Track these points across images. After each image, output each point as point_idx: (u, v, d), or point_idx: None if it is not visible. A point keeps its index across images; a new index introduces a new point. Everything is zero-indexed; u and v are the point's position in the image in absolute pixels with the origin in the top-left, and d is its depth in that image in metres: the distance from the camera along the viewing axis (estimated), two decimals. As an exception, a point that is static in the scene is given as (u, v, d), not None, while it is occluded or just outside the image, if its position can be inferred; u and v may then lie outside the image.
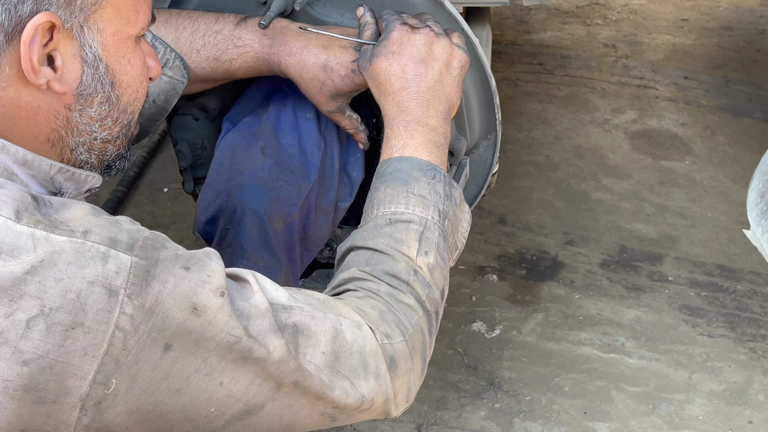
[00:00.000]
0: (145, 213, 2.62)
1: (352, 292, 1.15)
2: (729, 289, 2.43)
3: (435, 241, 1.20)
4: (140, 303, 0.91)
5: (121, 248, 0.91)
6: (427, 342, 1.17)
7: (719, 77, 3.24)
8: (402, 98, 1.26)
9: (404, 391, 1.13)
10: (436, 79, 1.28)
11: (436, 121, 1.27)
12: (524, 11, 3.64)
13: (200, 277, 0.95)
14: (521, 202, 2.70)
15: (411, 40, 1.28)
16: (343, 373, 1.04)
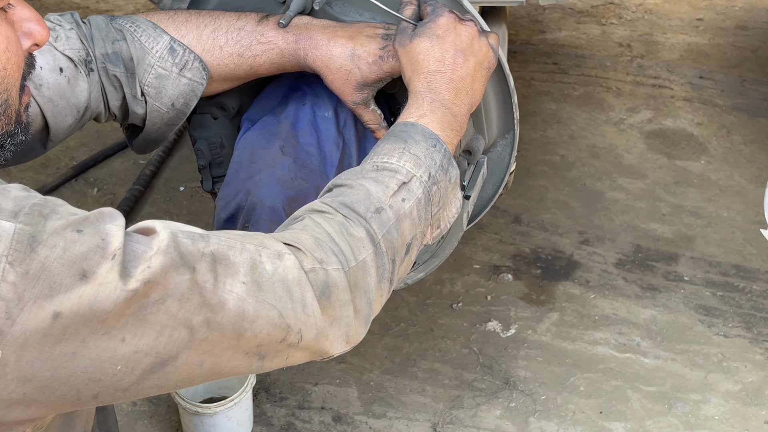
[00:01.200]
0: (162, 211, 2.64)
1: (299, 221, 1.12)
2: (745, 289, 2.42)
3: (416, 196, 1.17)
4: (24, 270, 0.88)
5: (4, 216, 0.89)
6: (373, 285, 1.11)
7: (735, 77, 3.23)
8: (435, 79, 1.27)
9: (340, 327, 1.08)
10: (471, 73, 1.29)
11: (459, 110, 1.28)
12: (539, 11, 3.63)
13: (93, 241, 0.91)
14: (536, 201, 2.70)
15: (456, 29, 1.29)
16: (269, 302, 1.00)
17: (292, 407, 2.13)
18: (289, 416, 2.11)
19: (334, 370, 2.21)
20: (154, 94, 1.40)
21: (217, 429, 1.96)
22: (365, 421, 2.10)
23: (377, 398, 2.15)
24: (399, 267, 1.17)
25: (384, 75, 1.38)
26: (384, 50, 1.37)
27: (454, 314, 2.35)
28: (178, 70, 1.40)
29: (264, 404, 2.12)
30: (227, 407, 1.91)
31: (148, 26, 1.41)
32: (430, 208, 1.20)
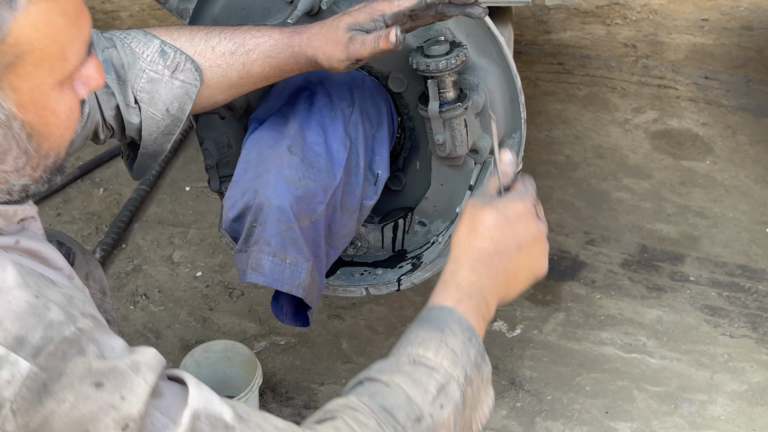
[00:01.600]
0: (167, 212, 2.64)
1: (330, 420, 1.03)
2: (751, 289, 2.42)
3: (454, 401, 1.07)
4: (24, 422, 0.82)
5: (25, 352, 0.82)
6: None
7: (740, 77, 3.23)
8: (483, 258, 1.17)
9: None
10: (518, 267, 1.20)
11: (492, 300, 1.18)
12: (544, 11, 3.63)
13: (110, 400, 0.85)
14: (541, 201, 2.67)
15: (528, 223, 1.20)
16: None
17: (298, 407, 2.13)
18: (295, 416, 2.11)
19: (340, 370, 2.21)
20: (147, 100, 1.37)
21: (223, 428, 1.96)
22: (371, 421, 2.10)
23: (383, 398, 2.15)
24: None
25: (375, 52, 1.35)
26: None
27: (459, 314, 2.35)
28: (170, 73, 1.37)
29: (270, 404, 2.13)
30: (234, 407, 1.91)
31: (138, 33, 1.40)
32: (464, 411, 1.10)
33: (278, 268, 1.41)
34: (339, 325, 2.32)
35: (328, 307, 2.36)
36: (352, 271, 1.67)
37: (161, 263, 2.48)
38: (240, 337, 2.28)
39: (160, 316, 2.34)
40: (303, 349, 2.25)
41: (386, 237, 1.67)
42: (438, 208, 1.62)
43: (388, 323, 2.33)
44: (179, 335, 2.29)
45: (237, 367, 2.05)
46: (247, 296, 2.37)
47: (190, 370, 2.01)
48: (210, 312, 2.35)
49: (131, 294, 2.39)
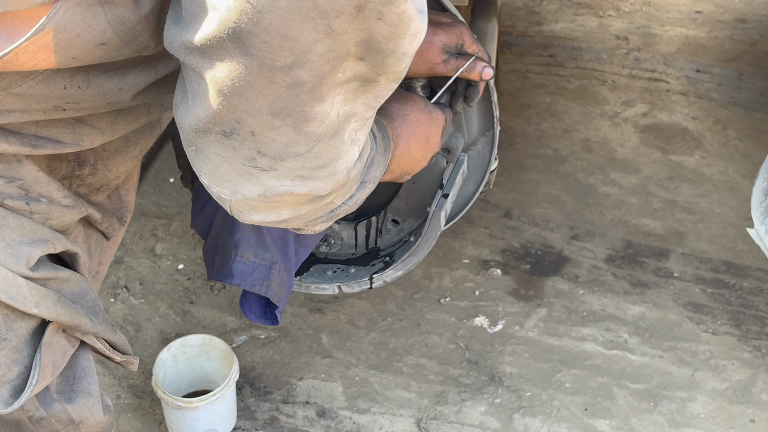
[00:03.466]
0: (151, 203, 2.63)
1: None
2: (735, 286, 2.41)
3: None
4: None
5: None
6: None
7: (732, 71, 3.21)
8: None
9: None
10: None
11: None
12: (536, 2, 3.61)
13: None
14: (527, 195, 2.69)
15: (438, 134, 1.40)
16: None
17: (276, 402, 2.12)
18: (273, 411, 2.10)
19: (319, 365, 2.21)
20: None
21: (199, 423, 1.96)
22: (349, 416, 2.10)
23: (362, 393, 2.15)
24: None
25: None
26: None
27: (441, 309, 2.35)
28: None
29: (248, 398, 2.12)
30: (209, 402, 1.91)
31: None
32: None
33: (244, 267, 1.40)
34: (320, 320, 2.31)
35: (310, 302, 2.35)
36: (325, 269, 1.67)
37: (143, 255, 2.47)
38: (220, 330, 2.27)
39: (140, 308, 2.33)
40: (283, 343, 2.25)
41: (360, 234, 1.66)
42: (410, 206, 1.61)
43: (369, 318, 2.32)
44: (159, 328, 2.28)
45: (215, 362, 2.04)
46: (228, 290, 2.36)
47: (167, 365, 2.01)
48: (191, 305, 2.34)
49: (112, 286, 2.38)
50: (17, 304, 1.04)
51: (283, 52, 0.81)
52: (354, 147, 0.97)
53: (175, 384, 2.04)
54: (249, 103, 0.86)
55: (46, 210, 1.09)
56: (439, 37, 1.37)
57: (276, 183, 0.94)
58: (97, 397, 1.18)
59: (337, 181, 1.00)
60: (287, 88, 0.84)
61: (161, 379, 1.98)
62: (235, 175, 0.93)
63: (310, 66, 0.83)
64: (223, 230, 1.42)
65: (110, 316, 2.31)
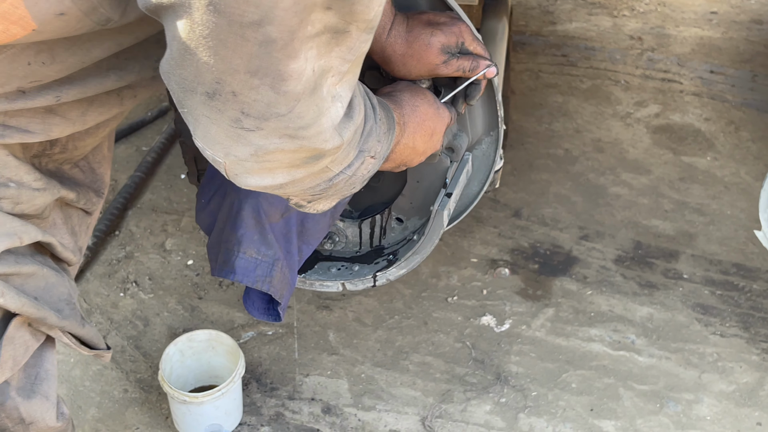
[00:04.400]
0: (162, 198, 2.65)
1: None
2: (744, 288, 2.40)
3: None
4: None
5: None
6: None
7: (746, 72, 3.19)
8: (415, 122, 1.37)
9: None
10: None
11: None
12: (550, 1, 3.60)
13: None
14: (538, 195, 2.68)
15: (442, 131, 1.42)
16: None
17: (282, 398, 2.13)
18: (279, 407, 2.11)
19: (326, 362, 2.22)
20: None
21: (205, 418, 1.97)
22: (354, 413, 2.10)
23: (367, 391, 2.15)
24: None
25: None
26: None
27: (448, 308, 2.35)
28: None
29: (254, 394, 2.13)
30: (215, 397, 1.92)
31: None
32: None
33: (247, 264, 1.41)
34: (327, 317, 2.32)
35: (317, 299, 2.36)
36: (329, 266, 1.67)
37: (153, 250, 2.49)
38: (228, 326, 2.29)
39: (149, 303, 2.35)
40: (290, 339, 2.26)
41: (364, 232, 1.67)
42: (414, 205, 1.61)
43: (377, 315, 2.33)
44: (167, 323, 2.30)
45: (221, 357, 2.06)
46: (237, 286, 2.37)
47: (174, 359, 2.02)
48: (199, 301, 2.36)
49: (122, 281, 2.40)
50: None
51: (249, 8, 0.82)
52: (336, 103, 0.97)
53: (182, 379, 2.05)
54: (225, 62, 0.86)
55: (15, 195, 1.09)
56: (437, 38, 1.37)
57: (265, 141, 0.95)
58: (53, 403, 1.18)
59: (325, 140, 1.00)
60: (260, 45, 0.85)
61: (168, 373, 1.99)
62: (224, 136, 0.94)
63: (278, 22, 0.83)
64: (227, 226, 1.43)
65: (119, 310, 2.33)
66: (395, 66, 1.40)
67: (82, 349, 1.21)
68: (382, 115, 1.20)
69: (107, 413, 2.09)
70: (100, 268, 2.44)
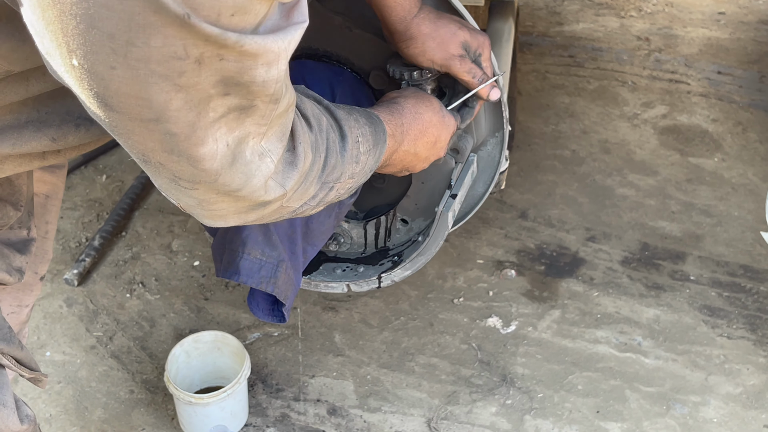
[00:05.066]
0: (168, 200, 2.65)
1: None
2: (752, 290, 2.39)
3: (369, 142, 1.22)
4: None
5: None
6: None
7: (754, 73, 3.18)
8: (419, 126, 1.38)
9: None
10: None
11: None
12: (557, 2, 3.60)
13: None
14: (544, 196, 2.68)
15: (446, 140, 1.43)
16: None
17: (287, 399, 2.13)
18: (284, 408, 2.11)
19: (331, 363, 2.22)
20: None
21: (210, 419, 1.97)
22: (360, 415, 2.10)
23: (373, 392, 2.15)
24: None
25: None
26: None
27: (454, 309, 2.35)
28: None
29: (260, 395, 2.13)
30: (220, 398, 1.92)
31: None
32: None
33: (251, 265, 1.41)
34: (333, 318, 2.32)
35: (323, 300, 2.36)
36: (335, 267, 1.67)
37: (159, 251, 2.49)
38: (234, 327, 2.29)
39: (155, 304, 2.35)
40: (296, 341, 2.26)
41: (369, 234, 1.66)
42: (419, 206, 1.61)
43: (383, 317, 2.33)
44: (173, 324, 2.30)
45: (227, 358, 2.06)
46: (243, 287, 2.37)
47: (180, 360, 2.02)
48: (205, 302, 2.36)
49: (128, 282, 2.41)
50: None
51: (143, 110, 0.83)
52: (265, 159, 0.98)
53: (188, 380, 2.05)
54: (142, 144, 0.88)
55: None
56: (463, 32, 1.41)
57: (205, 196, 0.97)
58: (12, 409, 1.19)
59: (264, 193, 1.01)
60: (164, 135, 0.86)
61: (174, 374, 1.99)
62: (169, 189, 0.96)
63: (174, 120, 0.84)
64: (231, 228, 1.43)
65: (125, 311, 2.33)
66: (414, 44, 1.41)
67: (22, 370, 1.23)
68: (365, 131, 1.20)
69: (113, 414, 2.09)
70: (106, 269, 2.44)
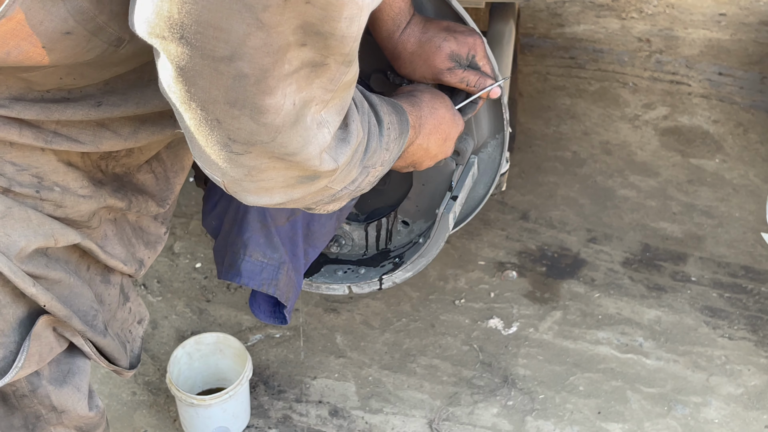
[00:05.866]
0: (171, 202, 2.65)
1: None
2: (753, 290, 2.39)
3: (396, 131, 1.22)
4: None
5: None
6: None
7: (755, 74, 3.18)
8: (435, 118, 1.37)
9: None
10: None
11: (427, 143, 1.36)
12: (558, 3, 3.60)
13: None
14: (545, 198, 2.68)
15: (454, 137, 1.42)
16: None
17: (289, 400, 2.14)
18: (286, 409, 2.12)
19: (333, 364, 2.22)
20: None
21: (212, 421, 1.98)
22: (361, 416, 2.11)
23: (375, 393, 2.16)
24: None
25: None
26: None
27: (456, 310, 2.35)
28: None
29: (262, 397, 2.14)
30: (222, 400, 1.93)
31: None
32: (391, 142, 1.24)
33: (253, 267, 1.41)
34: (335, 319, 2.33)
35: (325, 301, 2.37)
36: (336, 269, 1.67)
37: (161, 253, 2.50)
38: (236, 329, 2.29)
39: (157, 306, 2.36)
40: (297, 342, 2.26)
41: (370, 236, 1.67)
42: (420, 208, 1.61)
43: (384, 318, 2.33)
44: (175, 326, 2.31)
45: (229, 360, 2.06)
46: (245, 289, 2.38)
47: (182, 362, 2.03)
48: (207, 304, 2.36)
49: (130, 284, 2.41)
50: (18, 279, 1.05)
51: (219, 43, 0.82)
52: (323, 129, 0.97)
53: (190, 381, 2.06)
54: (204, 92, 0.87)
55: (59, 198, 1.10)
56: (448, 44, 1.38)
57: (256, 162, 0.95)
58: (84, 394, 1.20)
59: (317, 164, 1.00)
60: (233, 79, 0.85)
61: (176, 376, 2.00)
62: (218, 158, 0.95)
63: (249, 59, 0.83)
64: (233, 230, 1.43)
65: (128, 313, 2.33)
66: (402, 63, 1.41)
67: (101, 360, 1.23)
68: (393, 120, 1.20)
69: (115, 416, 2.10)
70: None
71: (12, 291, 1.08)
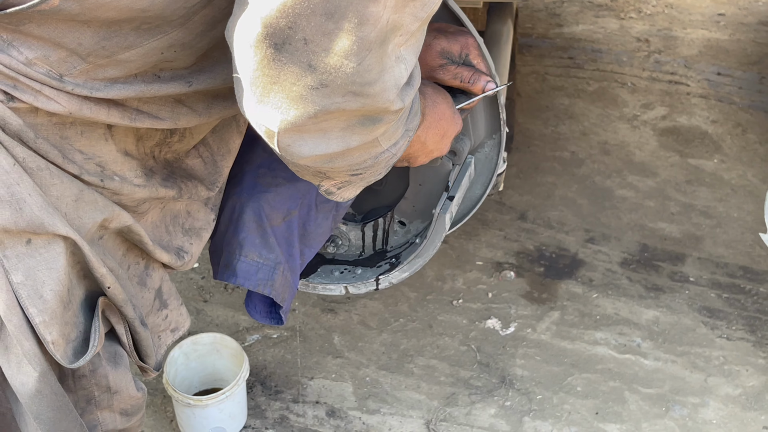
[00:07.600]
0: (168, 202, 2.65)
1: None
2: (751, 291, 2.39)
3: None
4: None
5: None
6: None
7: (754, 74, 3.18)
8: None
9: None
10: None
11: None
12: (557, 4, 3.60)
13: None
14: (543, 198, 2.68)
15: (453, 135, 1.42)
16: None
17: (286, 401, 2.13)
18: (283, 410, 2.12)
19: (330, 365, 2.22)
20: None
21: (209, 421, 1.97)
22: (359, 417, 2.10)
23: (372, 394, 2.15)
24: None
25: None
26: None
27: (453, 311, 2.35)
28: None
29: (259, 397, 2.14)
30: (219, 400, 1.92)
31: None
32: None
33: (248, 267, 1.41)
34: (332, 320, 2.32)
35: (322, 302, 2.36)
36: (333, 269, 1.67)
37: (159, 254, 2.49)
38: (233, 329, 2.29)
39: (154, 306, 2.35)
40: (294, 343, 2.26)
41: (367, 236, 1.66)
42: (416, 208, 1.61)
43: (382, 318, 2.33)
44: (173, 326, 2.30)
45: (226, 360, 2.06)
46: (242, 289, 2.38)
47: (179, 362, 2.02)
48: (204, 304, 2.36)
49: (127, 284, 2.41)
50: (94, 259, 1.08)
51: None
52: (400, 64, 0.97)
53: (187, 382, 2.05)
54: (302, 1, 0.85)
55: (118, 187, 1.13)
56: (438, 41, 1.38)
57: (327, 101, 0.94)
58: (132, 376, 1.23)
59: (389, 99, 0.98)
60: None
61: (172, 376, 1.99)
62: (285, 97, 0.93)
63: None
64: (228, 230, 1.43)
65: (125, 313, 2.33)
66: None
67: (133, 353, 1.23)
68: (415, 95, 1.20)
69: (112, 416, 2.10)
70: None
71: (78, 272, 1.11)
